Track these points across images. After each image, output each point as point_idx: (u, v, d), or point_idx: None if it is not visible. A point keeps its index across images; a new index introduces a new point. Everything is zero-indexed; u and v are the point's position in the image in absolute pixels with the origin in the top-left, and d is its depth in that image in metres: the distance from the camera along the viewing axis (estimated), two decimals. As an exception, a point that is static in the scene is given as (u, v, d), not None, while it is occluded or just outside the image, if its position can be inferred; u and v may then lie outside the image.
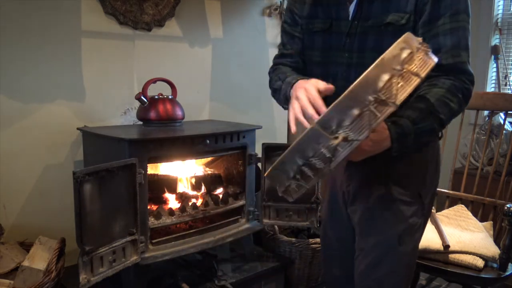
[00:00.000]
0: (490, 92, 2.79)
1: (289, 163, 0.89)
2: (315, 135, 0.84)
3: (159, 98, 1.84)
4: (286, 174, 0.91)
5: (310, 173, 0.88)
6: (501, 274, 1.61)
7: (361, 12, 1.08)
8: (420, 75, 0.84)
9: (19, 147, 1.73)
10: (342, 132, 0.82)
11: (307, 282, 2.08)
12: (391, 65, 0.81)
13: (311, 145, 0.85)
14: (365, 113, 0.81)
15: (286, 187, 0.94)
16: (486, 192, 1.95)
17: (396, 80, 0.81)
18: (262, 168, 1.93)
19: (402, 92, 0.82)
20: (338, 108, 0.81)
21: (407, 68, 0.83)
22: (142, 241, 1.56)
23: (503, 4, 2.81)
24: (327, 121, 0.83)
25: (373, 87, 0.80)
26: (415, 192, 1.11)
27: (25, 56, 1.71)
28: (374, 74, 0.81)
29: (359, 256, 1.17)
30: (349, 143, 0.82)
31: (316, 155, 0.85)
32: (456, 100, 0.99)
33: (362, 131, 0.81)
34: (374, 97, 0.80)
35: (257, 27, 2.45)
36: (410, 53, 0.83)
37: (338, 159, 0.83)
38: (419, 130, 0.95)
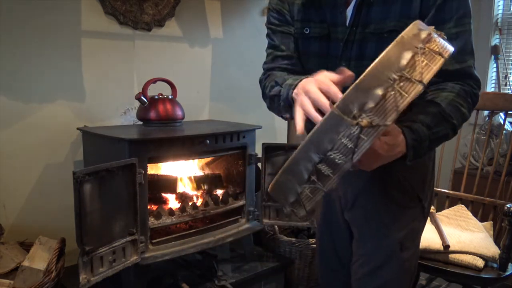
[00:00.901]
0: (490, 92, 2.79)
1: (303, 161, 0.76)
2: (334, 123, 0.72)
3: (159, 98, 1.84)
4: (299, 176, 0.77)
5: (328, 171, 0.75)
6: (501, 274, 1.61)
7: (360, 17, 1.01)
8: (443, 55, 0.76)
9: (19, 147, 1.73)
10: (365, 117, 0.71)
11: (307, 282, 2.08)
12: (412, 43, 0.74)
13: (329, 136, 0.73)
14: (390, 93, 0.71)
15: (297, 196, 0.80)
16: (486, 192, 1.95)
17: (420, 58, 0.73)
18: (262, 168, 1.93)
19: (427, 70, 0.74)
20: (359, 90, 0.71)
21: (429, 47, 0.75)
22: (142, 241, 1.56)
23: (503, 4, 2.81)
24: (347, 105, 0.71)
25: (396, 65, 0.72)
26: (415, 195, 1.10)
27: (25, 56, 1.71)
28: (396, 52, 0.73)
29: (357, 262, 1.14)
30: (374, 129, 0.71)
31: (335, 148, 0.73)
32: (466, 105, 0.95)
33: (388, 114, 0.71)
34: (398, 75, 0.71)
35: (257, 27, 2.45)
36: (429, 34, 0.76)
37: (361, 150, 0.72)
38: (434, 136, 0.89)
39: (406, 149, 0.85)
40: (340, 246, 1.24)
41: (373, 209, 1.10)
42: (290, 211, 0.83)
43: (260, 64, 1.28)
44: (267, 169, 1.93)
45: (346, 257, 1.22)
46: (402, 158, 0.86)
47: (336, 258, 1.26)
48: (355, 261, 1.15)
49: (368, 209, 1.10)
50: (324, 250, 1.31)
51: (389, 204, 1.08)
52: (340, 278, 1.27)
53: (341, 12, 1.04)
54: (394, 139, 0.83)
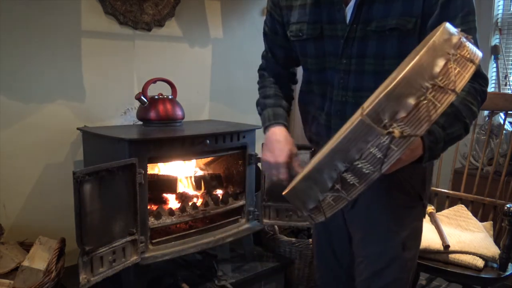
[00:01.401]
0: (490, 92, 2.77)
1: (327, 170, 0.74)
2: (363, 131, 0.69)
3: (159, 98, 1.84)
4: (322, 184, 0.75)
5: (354, 181, 0.72)
6: (501, 274, 1.61)
7: (361, 15, 1.01)
8: (475, 61, 0.74)
9: (19, 147, 1.73)
10: (396, 126, 0.68)
11: (307, 282, 2.07)
12: (444, 49, 0.71)
13: (357, 144, 0.70)
14: (422, 102, 0.68)
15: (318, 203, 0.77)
16: (486, 192, 1.95)
17: (452, 65, 0.70)
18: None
19: (460, 78, 0.71)
20: (390, 97, 0.68)
21: (460, 54, 0.72)
22: (142, 241, 1.56)
23: (503, 4, 2.81)
24: (377, 113, 0.68)
25: (429, 72, 0.69)
26: (416, 195, 1.10)
27: (25, 56, 1.71)
28: (428, 58, 0.69)
29: (361, 264, 1.14)
30: (405, 140, 0.68)
31: (363, 157, 0.71)
32: (476, 103, 0.95)
33: (420, 124, 0.68)
34: (431, 83, 0.68)
35: (257, 27, 2.45)
36: (459, 38, 0.74)
37: (391, 161, 0.69)
38: (448, 137, 0.89)
39: (423, 151, 0.85)
40: (339, 246, 1.24)
41: (375, 210, 1.10)
42: (307, 216, 0.81)
43: (260, 64, 1.31)
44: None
45: (344, 258, 1.22)
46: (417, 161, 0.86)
47: (335, 259, 1.26)
48: (359, 263, 1.15)
49: (370, 209, 1.10)
50: (322, 251, 1.31)
51: (391, 204, 1.08)
52: (339, 278, 1.27)
53: (339, 10, 1.04)
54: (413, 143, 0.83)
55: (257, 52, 1.40)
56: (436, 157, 0.88)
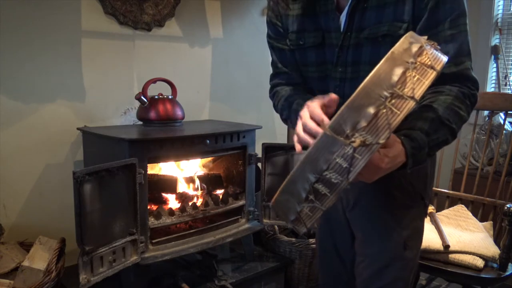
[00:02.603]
0: (490, 92, 2.79)
1: (300, 181, 0.77)
2: (327, 143, 0.73)
3: (159, 98, 1.84)
4: (297, 196, 0.78)
5: (325, 191, 0.75)
6: (501, 274, 1.61)
7: (353, 22, 1.01)
8: (436, 68, 0.76)
9: (19, 147, 1.73)
10: (358, 136, 0.71)
11: (307, 282, 2.08)
12: (403, 58, 0.74)
13: (324, 156, 0.73)
14: (382, 111, 0.71)
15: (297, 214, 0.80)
16: (486, 192, 1.95)
17: (411, 73, 0.73)
18: (262, 168, 1.93)
19: (419, 86, 0.74)
20: (350, 109, 0.71)
21: (420, 61, 0.75)
22: (142, 241, 1.56)
23: (503, 4, 2.81)
24: (339, 124, 0.72)
25: (387, 82, 0.72)
26: (417, 195, 1.10)
27: (25, 56, 1.71)
28: (386, 68, 0.72)
29: (362, 263, 1.14)
30: (368, 149, 0.71)
31: (330, 167, 0.73)
32: (464, 107, 0.94)
33: (381, 132, 0.71)
34: (390, 92, 0.71)
35: (257, 27, 2.45)
36: (420, 47, 0.76)
37: (356, 169, 0.72)
38: (433, 143, 0.88)
39: (405, 158, 0.85)
40: (342, 246, 1.24)
41: (376, 210, 1.10)
42: (292, 227, 0.83)
43: (260, 64, 1.30)
44: (267, 169, 1.93)
45: (348, 258, 1.22)
46: (402, 167, 0.86)
47: (337, 258, 1.26)
48: (360, 262, 1.15)
49: (371, 209, 1.11)
50: (325, 251, 1.31)
51: (392, 204, 1.08)
52: (342, 278, 1.27)
53: (333, 18, 1.04)
54: (394, 151, 0.82)
55: (257, 52, 1.40)
56: (421, 163, 0.88)
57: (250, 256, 2.00)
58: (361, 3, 1.00)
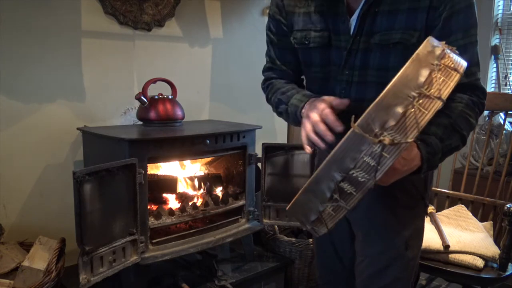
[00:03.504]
0: (490, 92, 2.78)
1: (325, 180, 0.77)
2: (356, 141, 0.73)
3: (159, 98, 1.84)
4: (321, 195, 0.78)
5: (351, 189, 0.76)
6: (501, 274, 1.61)
7: (364, 27, 1.00)
8: (459, 70, 0.78)
9: (19, 147, 1.73)
10: (387, 135, 0.72)
11: (307, 282, 2.07)
12: (428, 60, 0.75)
13: (351, 154, 0.74)
14: (410, 110, 0.72)
15: (319, 214, 0.80)
16: (486, 192, 1.95)
17: (436, 74, 0.75)
18: (262, 168, 1.93)
19: (445, 87, 0.75)
20: (379, 108, 0.72)
21: (444, 63, 0.77)
22: (142, 241, 1.56)
23: (503, 4, 2.81)
24: (368, 123, 0.72)
25: (414, 82, 0.73)
26: (418, 195, 1.11)
27: (25, 56, 1.71)
28: (413, 69, 0.74)
29: (363, 263, 1.15)
30: (396, 147, 0.72)
31: (357, 166, 0.74)
32: (474, 115, 0.96)
33: (410, 131, 0.72)
34: (417, 92, 0.73)
35: (257, 27, 2.45)
36: (443, 50, 0.78)
37: (384, 168, 0.73)
38: (446, 149, 0.91)
39: (420, 162, 0.86)
40: (341, 246, 1.24)
41: (377, 210, 1.10)
42: (311, 229, 0.83)
43: (260, 64, 1.29)
44: (267, 169, 1.93)
45: (347, 258, 1.23)
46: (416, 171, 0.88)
47: (337, 259, 1.26)
48: (360, 262, 1.16)
49: (372, 209, 1.11)
50: (323, 251, 1.31)
51: (393, 204, 1.09)
52: (340, 278, 1.27)
53: (343, 21, 1.03)
54: (410, 154, 0.84)
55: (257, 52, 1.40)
56: (434, 168, 0.90)
57: (250, 256, 2.00)
58: (372, 8, 0.99)
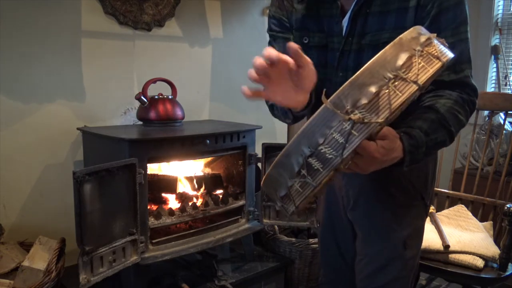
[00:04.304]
0: (490, 92, 2.79)
1: (294, 154, 0.76)
2: (326, 116, 0.73)
3: (159, 98, 1.84)
4: (290, 170, 0.77)
5: (318, 166, 0.74)
6: (501, 274, 1.61)
7: (356, 27, 1.01)
8: (442, 59, 0.76)
9: (19, 147, 1.73)
10: (358, 113, 0.71)
11: (307, 282, 2.07)
12: (410, 45, 0.75)
13: (321, 129, 0.73)
14: (384, 91, 0.72)
15: (288, 190, 0.79)
16: (486, 192, 1.95)
17: (417, 59, 0.74)
18: (262, 168, 1.93)
19: (424, 72, 0.74)
20: (353, 86, 0.72)
21: (427, 51, 0.76)
22: (142, 241, 1.56)
23: (503, 4, 2.81)
24: (340, 99, 0.72)
25: (392, 64, 0.73)
26: (418, 195, 1.10)
27: (25, 56, 1.71)
28: (393, 52, 0.74)
29: (362, 261, 1.15)
30: (366, 126, 0.71)
31: (326, 142, 0.73)
32: (463, 112, 0.95)
33: (381, 112, 0.72)
34: (394, 74, 0.72)
35: (257, 27, 2.45)
36: (428, 38, 0.77)
37: (352, 146, 0.72)
38: (431, 143, 0.89)
39: (403, 154, 0.85)
40: (344, 245, 1.25)
41: (375, 209, 1.11)
42: (281, 206, 0.83)
43: (260, 64, 1.28)
44: (267, 169, 1.92)
45: (350, 256, 1.23)
46: (399, 164, 0.87)
47: (340, 257, 1.27)
48: (359, 260, 1.16)
49: (371, 209, 1.11)
50: (327, 250, 1.32)
51: (391, 203, 1.09)
52: (344, 277, 1.28)
53: (337, 22, 1.04)
54: (391, 144, 0.82)
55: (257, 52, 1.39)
56: (418, 162, 0.89)
57: (250, 256, 2.00)
58: (363, 9, 1.00)
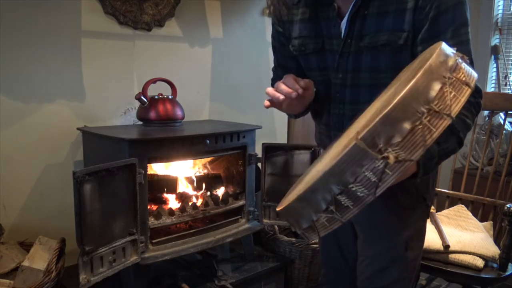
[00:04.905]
0: (490, 92, 2.79)
1: (321, 191, 0.74)
2: (358, 155, 0.69)
3: (159, 98, 1.84)
4: (315, 206, 0.75)
5: (348, 203, 0.72)
6: (501, 274, 1.61)
7: (354, 29, 1.02)
8: (470, 85, 0.73)
9: (19, 147, 1.73)
10: (391, 151, 0.68)
11: (307, 282, 2.07)
12: (440, 72, 0.71)
13: (352, 168, 0.70)
14: (418, 127, 0.68)
15: (312, 223, 0.77)
16: (486, 192, 1.95)
17: (448, 89, 0.71)
18: (262, 168, 1.93)
19: (456, 102, 0.71)
20: (386, 122, 0.68)
21: (456, 77, 0.72)
22: (142, 241, 1.56)
23: (503, 4, 2.81)
24: (373, 137, 0.69)
25: (424, 97, 0.69)
26: (420, 196, 1.10)
27: (25, 56, 1.71)
28: (424, 82, 0.70)
29: (363, 262, 1.15)
30: (400, 164, 0.68)
31: (358, 180, 0.70)
32: (470, 115, 0.95)
33: (415, 149, 0.68)
34: (427, 108, 0.69)
35: (257, 27, 2.45)
36: (455, 60, 0.74)
37: (385, 185, 0.69)
38: (442, 152, 0.89)
39: (417, 167, 0.85)
40: (345, 246, 1.25)
41: (378, 211, 1.10)
42: (301, 233, 0.81)
43: (260, 64, 1.30)
44: (267, 169, 1.93)
45: (351, 257, 1.23)
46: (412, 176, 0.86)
47: (341, 258, 1.27)
48: (361, 261, 1.16)
49: (373, 210, 1.10)
50: (328, 250, 1.32)
51: (393, 205, 1.09)
52: (344, 277, 1.28)
53: (334, 25, 1.05)
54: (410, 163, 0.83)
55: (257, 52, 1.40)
56: (430, 172, 0.89)
57: (250, 256, 2.00)
58: (361, 11, 1.00)
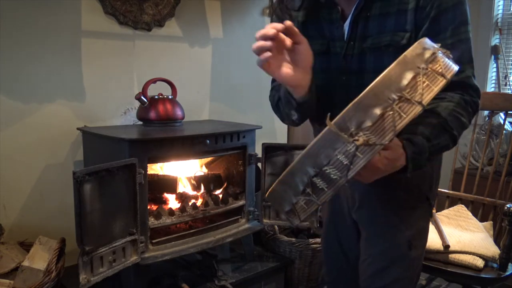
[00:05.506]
0: (490, 92, 2.79)
1: (299, 174, 0.78)
2: (331, 139, 0.74)
3: (159, 98, 1.84)
4: (294, 188, 0.80)
5: (323, 185, 0.77)
6: (501, 274, 1.61)
7: (357, 31, 1.02)
8: (446, 76, 0.77)
9: (19, 147, 1.73)
10: (362, 135, 0.72)
11: (307, 282, 2.07)
12: (415, 63, 0.75)
13: (326, 151, 0.75)
14: (388, 113, 0.73)
15: (292, 206, 0.82)
16: (486, 192, 1.95)
17: (421, 79, 0.74)
18: (262, 168, 1.93)
19: (428, 92, 0.75)
20: (357, 108, 0.73)
21: (431, 68, 0.76)
22: (142, 241, 1.56)
23: (503, 4, 2.81)
24: (345, 122, 0.73)
25: (396, 85, 0.73)
26: (423, 196, 1.10)
27: (25, 56, 1.71)
28: (397, 71, 0.74)
29: (366, 261, 1.15)
30: (370, 148, 0.72)
31: (331, 163, 0.75)
32: (466, 114, 0.95)
33: (386, 133, 0.73)
34: (398, 95, 0.73)
35: (257, 27, 2.45)
36: (433, 53, 0.77)
37: (356, 168, 0.73)
38: (433, 148, 0.89)
39: (406, 162, 0.86)
40: (347, 245, 1.25)
41: (380, 210, 1.10)
42: (285, 218, 0.86)
43: (260, 64, 1.29)
44: (267, 169, 1.93)
45: (353, 256, 1.23)
46: (402, 171, 0.87)
47: (343, 257, 1.27)
48: (363, 260, 1.16)
49: (375, 209, 1.11)
50: (330, 249, 1.32)
51: (397, 205, 1.09)
52: (346, 276, 1.28)
53: (337, 27, 1.05)
54: (394, 154, 0.83)
55: (257, 52, 1.39)
56: (421, 167, 0.89)
57: (250, 256, 2.00)
58: (363, 12, 1.00)
